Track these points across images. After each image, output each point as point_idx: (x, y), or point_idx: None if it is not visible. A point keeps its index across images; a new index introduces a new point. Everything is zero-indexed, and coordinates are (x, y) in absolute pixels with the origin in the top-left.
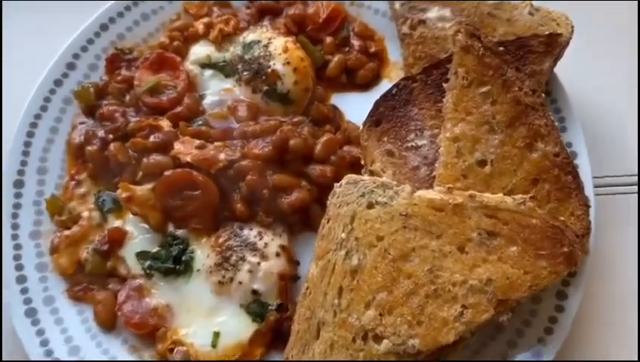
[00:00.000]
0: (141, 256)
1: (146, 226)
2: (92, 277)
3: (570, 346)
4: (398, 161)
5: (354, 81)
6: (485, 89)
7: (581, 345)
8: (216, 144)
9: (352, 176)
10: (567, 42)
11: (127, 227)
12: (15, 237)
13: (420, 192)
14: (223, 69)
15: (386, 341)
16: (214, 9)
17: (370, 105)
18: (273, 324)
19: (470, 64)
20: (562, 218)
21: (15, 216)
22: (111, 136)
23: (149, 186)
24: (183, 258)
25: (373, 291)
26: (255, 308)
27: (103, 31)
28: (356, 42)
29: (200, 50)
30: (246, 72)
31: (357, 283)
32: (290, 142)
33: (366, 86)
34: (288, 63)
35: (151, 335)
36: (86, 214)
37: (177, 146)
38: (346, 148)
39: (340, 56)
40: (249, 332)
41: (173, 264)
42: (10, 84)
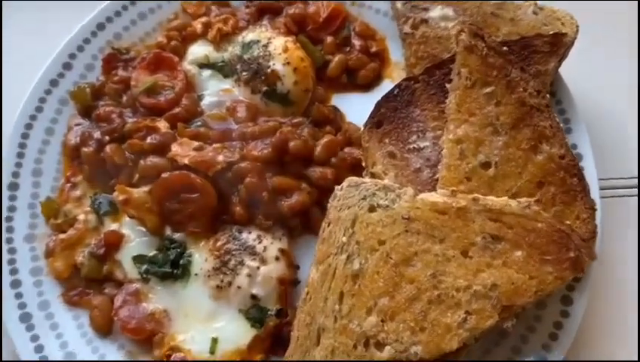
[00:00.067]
0: (138, 259)
1: (143, 229)
2: (88, 282)
3: (575, 352)
4: (400, 163)
5: (355, 81)
6: (489, 90)
7: (586, 351)
8: (215, 146)
9: (353, 179)
10: (572, 42)
11: (124, 230)
12: (10, 241)
13: (423, 195)
14: (222, 69)
15: (388, 348)
16: (213, 8)
17: (372, 106)
18: (272, 330)
19: (474, 64)
20: (568, 222)
21: (9, 219)
22: (107, 137)
23: (145, 189)
24: (181, 262)
25: (374, 296)
26: (254, 313)
27: (99, 30)
28: (357, 42)
29: (198, 49)
30: (245, 73)
31: (358, 288)
32: (290, 144)
33: (367, 86)
34: (288, 63)
35: (148, 340)
36: (82, 217)
37: (175, 148)
38: (346, 149)
39: (341, 56)
40: (248, 338)
41: (171, 268)
42: (8, 85)
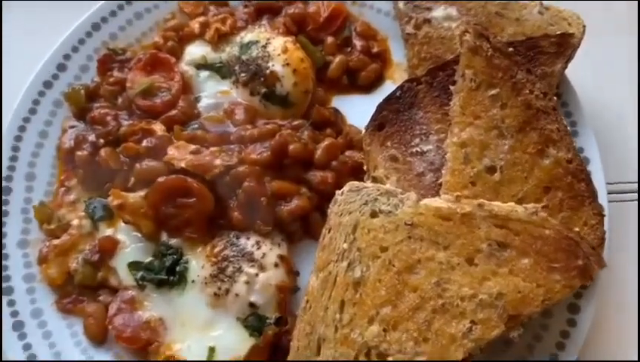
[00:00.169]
0: (133, 266)
1: (139, 235)
2: (82, 289)
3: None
4: (403, 166)
5: (356, 82)
6: (494, 92)
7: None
8: (212, 149)
9: (355, 183)
10: (579, 43)
11: (119, 236)
12: (2, 247)
13: (426, 201)
14: (220, 70)
15: (390, 358)
16: (210, 8)
17: (373, 107)
18: (271, 339)
19: (478, 66)
20: (576, 228)
21: (2, 224)
22: (102, 140)
23: (141, 193)
24: (177, 268)
25: (376, 305)
26: (252, 321)
27: (94, 30)
28: (358, 42)
29: (195, 50)
30: (243, 74)
31: (360, 296)
32: (290, 147)
33: (368, 88)
34: (288, 64)
35: (143, 349)
36: (76, 222)
37: (171, 151)
38: (347, 153)
39: (342, 57)
40: (246, 347)
41: (167, 275)
42: (5, 85)
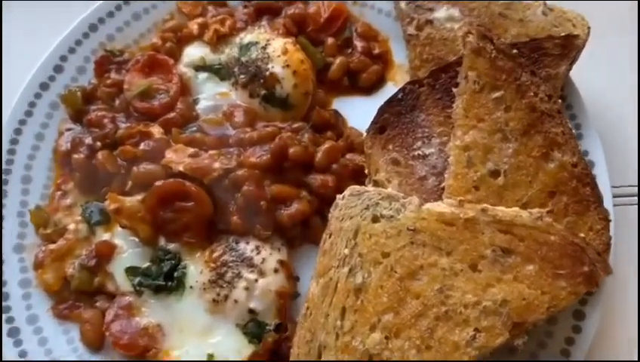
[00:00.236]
0: (131, 271)
1: (136, 240)
2: (79, 294)
3: None
4: (405, 170)
5: (357, 84)
6: (498, 94)
7: None
8: (211, 152)
9: (356, 188)
10: (584, 44)
11: (116, 240)
12: None
13: (429, 205)
14: (219, 71)
15: None
16: (209, 8)
17: (374, 109)
18: (271, 346)
19: (482, 68)
20: (581, 234)
21: None
22: (99, 143)
23: (138, 197)
24: (175, 274)
25: (378, 312)
26: (252, 328)
27: (92, 32)
28: (359, 43)
29: (194, 51)
30: (243, 75)
31: (361, 303)
32: (290, 150)
33: (370, 90)
34: (287, 66)
35: (141, 356)
36: (72, 227)
37: (169, 154)
38: (348, 156)
39: (342, 59)
40: (245, 354)
41: (165, 280)
42: (5, 86)
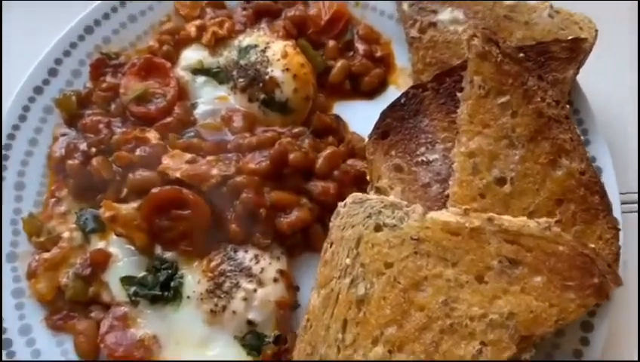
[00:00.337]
0: (126, 281)
1: (132, 248)
2: (73, 305)
3: None
4: (408, 177)
5: (358, 88)
6: (504, 99)
7: None
8: (209, 158)
9: (358, 195)
10: (591, 47)
11: (111, 249)
12: None
13: (433, 214)
14: (217, 75)
15: None
16: (207, 10)
17: (376, 114)
18: (270, 358)
19: (487, 72)
20: (591, 244)
21: None
22: (94, 149)
23: (134, 205)
24: (172, 284)
25: (381, 325)
26: (250, 339)
27: (87, 34)
28: (361, 46)
29: (192, 54)
30: (242, 79)
31: (363, 315)
32: (290, 156)
33: (371, 93)
34: (287, 70)
35: None
36: (67, 235)
37: (166, 161)
38: (349, 161)
39: (344, 62)
40: None
41: (161, 290)
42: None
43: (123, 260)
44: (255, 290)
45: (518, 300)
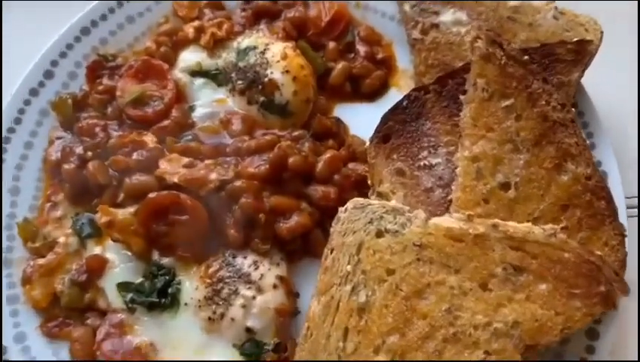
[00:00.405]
0: (123, 287)
1: (129, 254)
2: (68, 311)
3: None
4: (410, 181)
5: (359, 90)
6: (508, 102)
7: None
8: (207, 162)
9: (359, 200)
10: (596, 49)
11: (108, 254)
12: None
13: (436, 220)
14: (216, 77)
15: None
16: (206, 11)
17: (378, 116)
18: None
19: (491, 74)
20: (598, 252)
21: None
22: (90, 153)
23: (131, 210)
24: (169, 290)
25: (383, 333)
26: (249, 347)
27: (84, 35)
28: (362, 48)
29: (190, 56)
30: (241, 81)
31: (365, 323)
32: (289, 160)
33: (373, 96)
34: (287, 72)
35: None
36: (62, 240)
37: (163, 165)
38: (350, 165)
39: (344, 64)
40: None
41: (158, 297)
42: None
43: (119, 266)
44: (254, 297)
45: (522, 308)
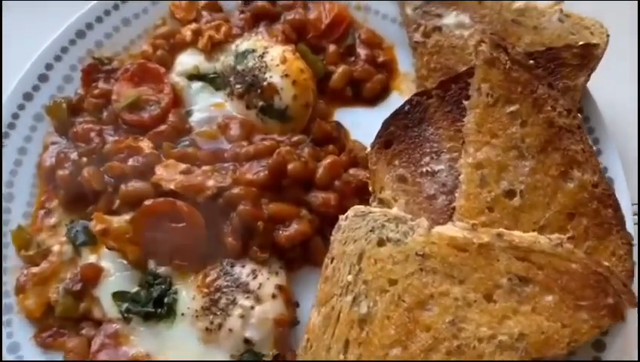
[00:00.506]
0: (118, 296)
1: (124, 262)
2: (63, 321)
3: None
4: (412, 188)
5: (360, 94)
6: (513, 108)
7: None
8: (204, 168)
9: (360, 208)
10: (602, 53)
11: (103, 263)
12: None
13: (439, 228)
14: (213, 81)
15: None
16: (204, 13)
17: (379, 121)
18: None
19: (495, 79)
20: (605, 262)
21: None
22: (85, 159)
23: (127, 217)
24: (166, 300)
25: (385, 346)
26: (248, 359)
27: (79, 38)
28: (363, 51)
29: (187, 59)
30: (239, 85)
31: (366, 335)
32: (289, 166)
33: (374, 100)
34: (286, 75)
35: None
36: (56, 248)
37: (159, 171)
38: (351, 171)
39: (345, 67)
40: None
41: (154, 307)
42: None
43: (115, 275)
44: (252, 307)
45: (528, 320)
